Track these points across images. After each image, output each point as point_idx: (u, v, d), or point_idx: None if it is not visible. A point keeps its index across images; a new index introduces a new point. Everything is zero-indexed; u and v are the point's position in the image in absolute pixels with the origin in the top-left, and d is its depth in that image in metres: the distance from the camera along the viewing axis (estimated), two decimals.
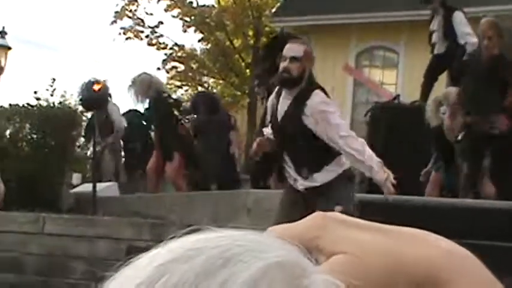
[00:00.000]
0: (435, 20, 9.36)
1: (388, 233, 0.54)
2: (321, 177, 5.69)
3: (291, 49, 5.89)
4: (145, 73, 10.09)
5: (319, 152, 5.68)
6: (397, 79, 15.83)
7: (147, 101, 10.03)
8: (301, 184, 5.72)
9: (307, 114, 5.63)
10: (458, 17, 9.14)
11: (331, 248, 0.53)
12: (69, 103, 10.73)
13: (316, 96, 5.66)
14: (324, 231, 0.54)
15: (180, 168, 9.91)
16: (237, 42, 23.47)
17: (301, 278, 0.48)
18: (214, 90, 26.10)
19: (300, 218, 0.55)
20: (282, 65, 5.78)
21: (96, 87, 9.30)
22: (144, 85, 9.73)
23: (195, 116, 10.71)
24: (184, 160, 9.86)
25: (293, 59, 5.78)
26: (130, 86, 9.89)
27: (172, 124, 9.82)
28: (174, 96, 10.53)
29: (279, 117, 5.77)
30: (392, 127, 8.48)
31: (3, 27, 17.58)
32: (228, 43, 23.35)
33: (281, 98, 5.79)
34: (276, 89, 6.01)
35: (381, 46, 16.44)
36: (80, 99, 9.63)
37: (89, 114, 10.79)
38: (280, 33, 13.05)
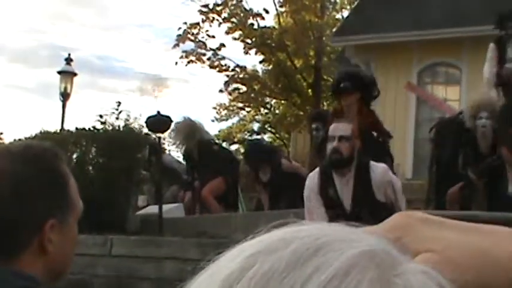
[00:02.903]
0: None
1: (476, 231, 0.53)
2: None
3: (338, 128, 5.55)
4: (188, 119, 10.24)
5: None
6: (461, 95, 15.63)
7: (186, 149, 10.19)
8: None
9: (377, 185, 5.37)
10: None
11: (417, 246, 0.52)
12: (133, 126, 10.84)
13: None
14: (408, 230, 0.53)
15: (214, 188, 9.90)
16: (298, 63, 23.51)
17: (393, 267, 0.47)
18: (277, 111, 26.15)
19: None
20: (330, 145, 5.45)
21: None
22: (186, 131, 9.89)
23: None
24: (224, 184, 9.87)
25: (342, 138, 5.44)
26: (174, 130, 10.10)
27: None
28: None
29: (347, 204, 5.42)
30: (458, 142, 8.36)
31: (69, 54, 18.00)
32: (289, 63, 23.39)
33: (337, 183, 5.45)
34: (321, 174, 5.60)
35: (443, 62, 16.27)
36: (145, 121, 9.74)
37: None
38: None
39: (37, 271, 1.72)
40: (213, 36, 23.53)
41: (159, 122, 9.46)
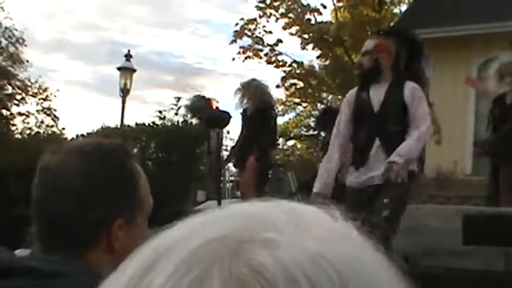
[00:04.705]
0: None
1: None
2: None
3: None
4: (254, 79, 9.66)
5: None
6: None
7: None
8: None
9: (406, 94, 5.62)
10: None
11: None
12: (191, 122, 10.93)
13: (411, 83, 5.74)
14: None
15: (252, 174, 9.13)
16: (355, 58, 23.36)
17: None
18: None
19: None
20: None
21: (214, 104, 9.34)
22: (257, 92, 9.31)
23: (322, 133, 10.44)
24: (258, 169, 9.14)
25: (365, 53, 5.91)
26: (240, 89, 9.39)
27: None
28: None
29: (376, 105, 5.71)
30: None
31: (129, 51, 18.19)
32: (346, 59, 23.29)
33: (371, 91, 5.79)
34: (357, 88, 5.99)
35: None
36: (199, 118, 9.63)
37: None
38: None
39: (104, 268, 1.71)
40: (270, 32, 23.59)
41: (217, 118, 9.46)
